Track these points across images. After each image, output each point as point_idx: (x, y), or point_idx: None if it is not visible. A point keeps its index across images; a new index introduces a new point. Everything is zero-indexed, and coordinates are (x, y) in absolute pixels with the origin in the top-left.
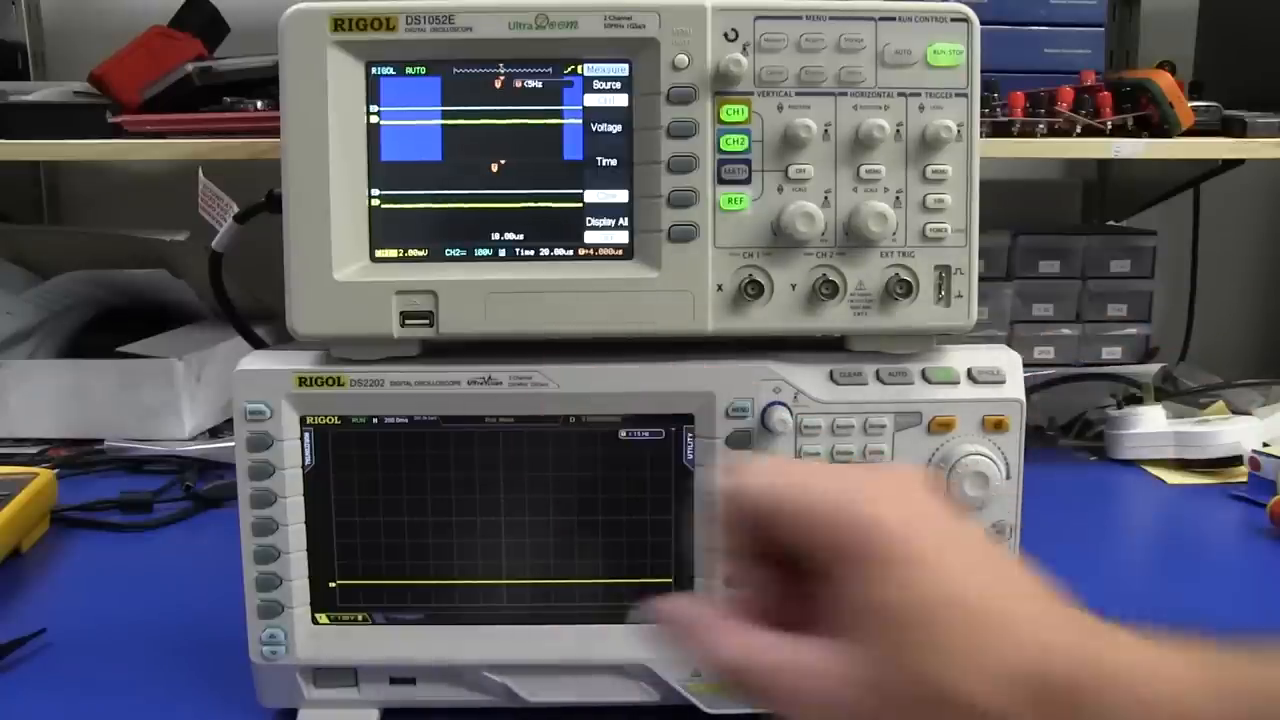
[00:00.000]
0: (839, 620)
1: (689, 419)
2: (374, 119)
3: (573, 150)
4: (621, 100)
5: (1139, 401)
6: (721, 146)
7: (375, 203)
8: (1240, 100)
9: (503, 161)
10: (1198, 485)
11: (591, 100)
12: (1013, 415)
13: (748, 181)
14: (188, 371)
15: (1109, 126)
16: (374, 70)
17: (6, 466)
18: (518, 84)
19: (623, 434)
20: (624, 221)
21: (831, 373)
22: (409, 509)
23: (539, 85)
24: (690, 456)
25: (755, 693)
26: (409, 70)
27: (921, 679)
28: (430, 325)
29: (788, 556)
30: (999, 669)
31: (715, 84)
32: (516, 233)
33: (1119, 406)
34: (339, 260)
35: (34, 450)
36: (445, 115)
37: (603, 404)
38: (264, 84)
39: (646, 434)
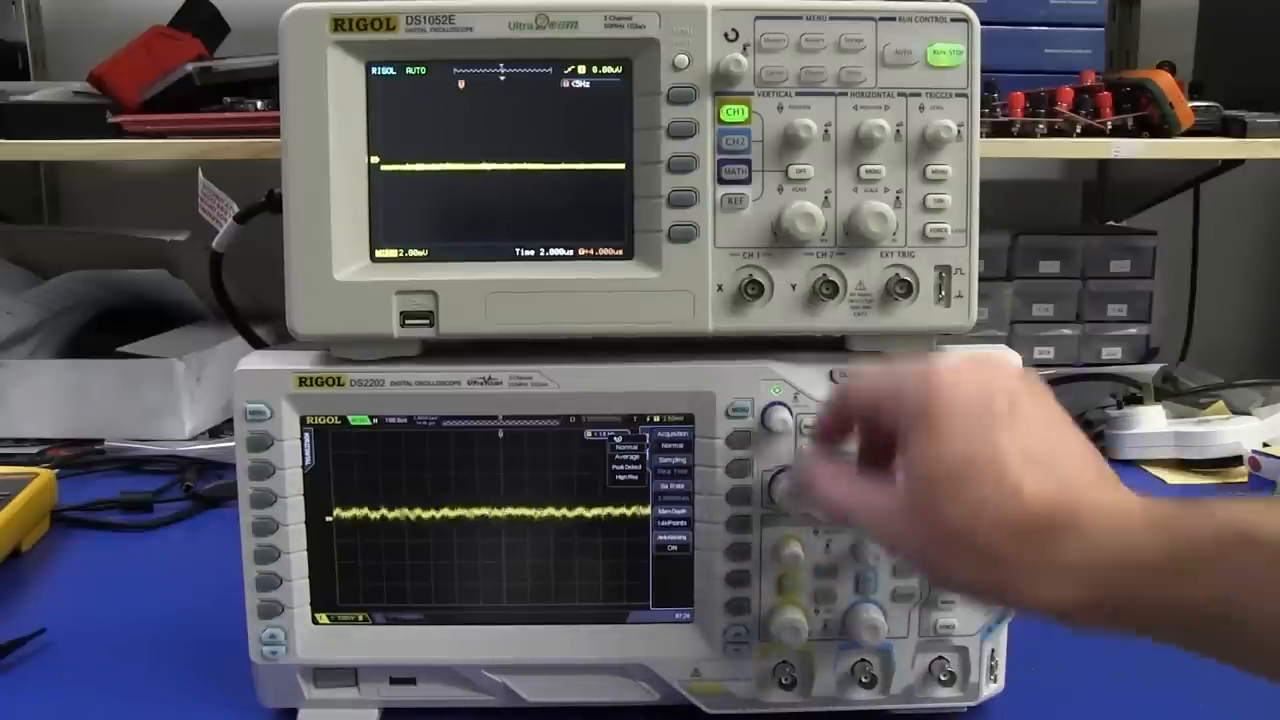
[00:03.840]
0: (904, 471)
1: (689, 419)
2: (374, 119)
3: (573, 150)
4: (621, 100)
5: (1139, 401)
6: (722, 146)
7: (375, 202)
8: (1240, 100)
9: (503, 162)
10: (1198, 485)
11: (592, 100)
12: None
13: (748, 181)
14: (188, 371)
15: (1109, 126)
16: (374, 70)
17: (6, 466)
18: (518, 84)
19: (623, 434)
20: (624, 221)
21: (831, 373)
22: (409, 509)
23: (539, 85)
24: (693, 456)
25: (847, 521)
26: (409, 70)
27: (941, 520)
28: (430, 325)
29: (887, 431)
30: (996, 516)
31: (715, 84)
32: (516, 233)
33: (1119, 406)
34: (339, 260)
35: (34, 450)
36: (445, 115)
37: (603, 404)
38: (264, 84)
39: (646, 433)
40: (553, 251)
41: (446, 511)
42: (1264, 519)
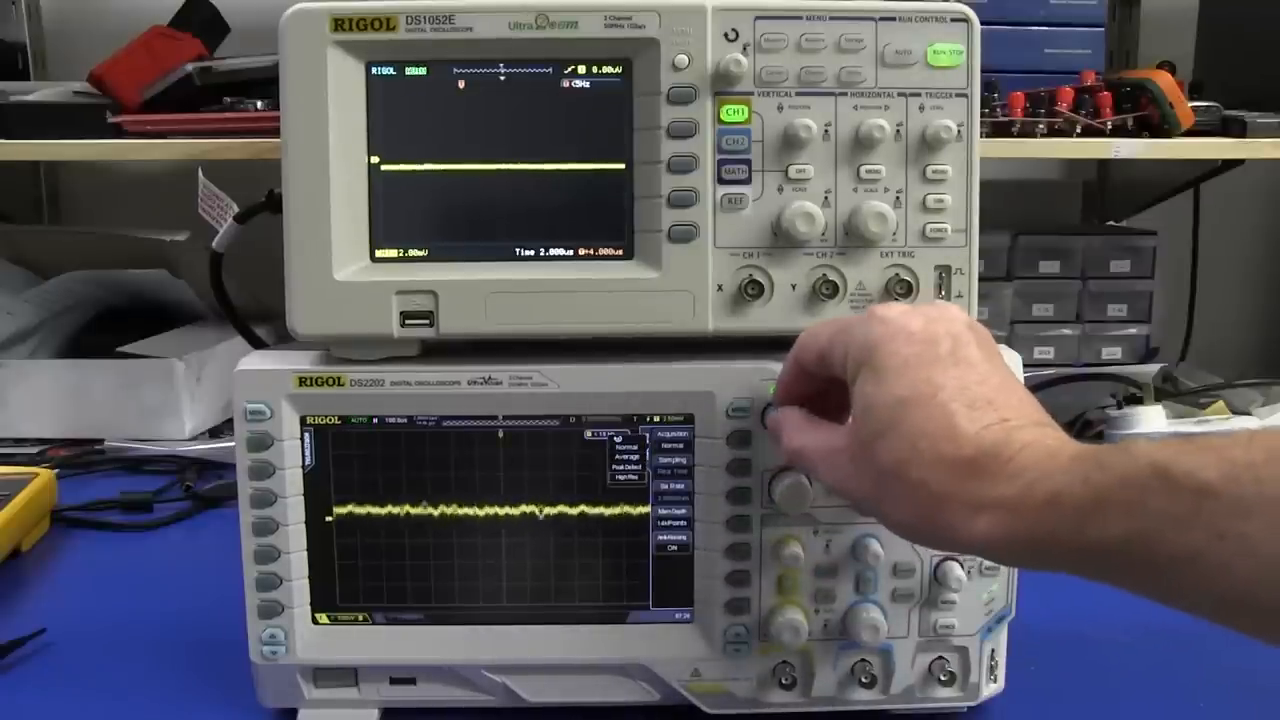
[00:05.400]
0: (851, 412)
1: (689, 419)
2: (374, 119)
3: (573, 150)
4: (621, 100)
5: (1139, 401)
6: (722, 146)
7: (375, 202)
8: (1240, 100)
9: (503, 162)
10: None
11: (592, 100)
12: None
13: (748, 181)
14: (188, 371)
15: (1109, 126)
16: (374, 70)
17: (6, 466)
18: (518, 84)
19: (623, 434)
20: (624, 221)
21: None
22: (409, 509)
23: (539, 85)
24: (693, 456)
25: (800, 465)
26: (409, 70)
27: (880, 455)
28: (430, 325)
29: (839, 379)
30: (931, 453)
31: (715, 84)
32: (516, 233)
33: (1119, 406)
34: (339, 260)
35: (34, 450)
36: (445, 115)
37: (603, 404)
38: (264, 84)
39: (646, 433)
40: (553, 251)
41: (446, 511)
42: (1180, 457)
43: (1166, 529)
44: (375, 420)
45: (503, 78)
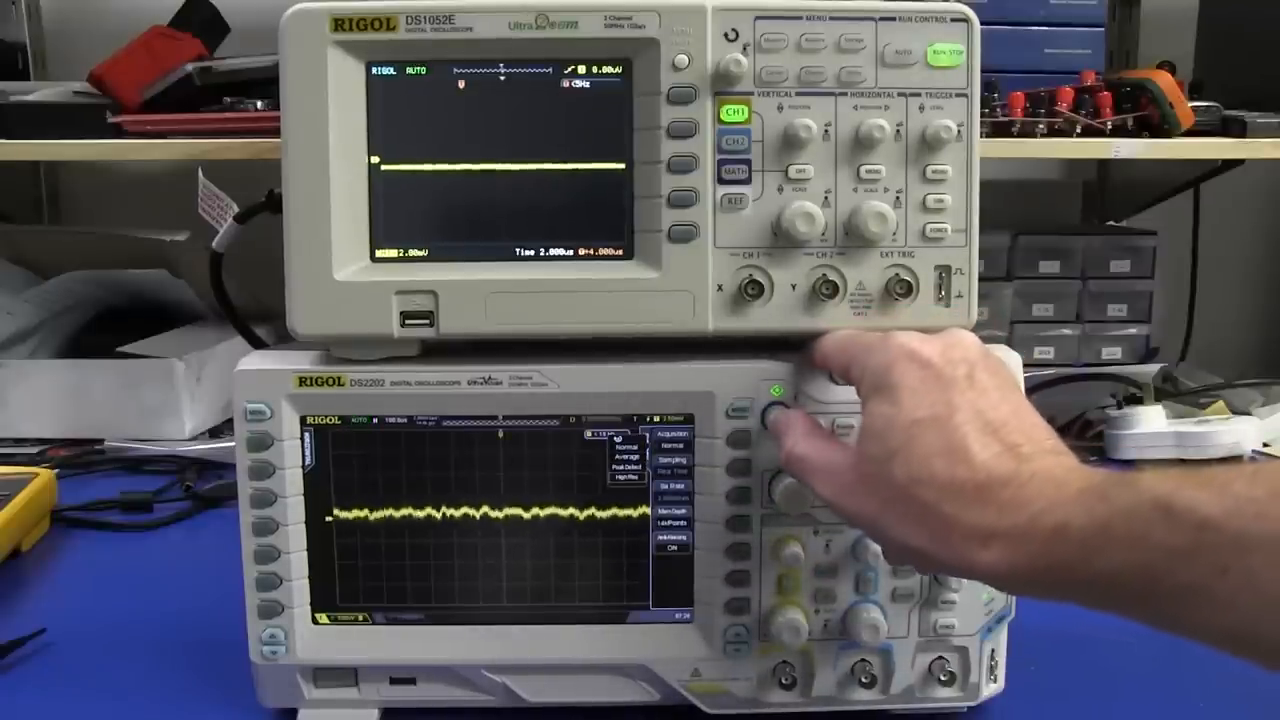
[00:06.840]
0: (861, 432)
1: (689, 419)
2: (374, 119)
3: (573, 150)
4: (621, 100)
5: (1139, 401)
6: (722, 146)
7: (375, 202)
8: (1240, 100)
9: (503, 162)
10: None
11: (592, 100)
12: None
13: (748, 181)
14: (188, 371)
15: (1109, 126)
16: (374, 70)
17: (6, 466)
18: (518, 84)
19: (623, 434)
20: (624, 221)
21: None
22: (409, 509)
23: (539, 85)
24: (693, 456)
25: (795, 471)
26: (409, 70)
27: (890, 477)
28: (430, 325)
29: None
30: (943, 476)
31: (715, 84)
32: (516, 233)
33: (1119, 406)
34: (339, 260)
35: (34, 450)
36: (445, 115)
37: (603, 404)
38: (264, 84)
39: (646, 433)
40: (553, 251)
41: (446, 511)
42: (1181, 490)
43: (1168, 562)
44: (375, 420)
45: (503, 78)
